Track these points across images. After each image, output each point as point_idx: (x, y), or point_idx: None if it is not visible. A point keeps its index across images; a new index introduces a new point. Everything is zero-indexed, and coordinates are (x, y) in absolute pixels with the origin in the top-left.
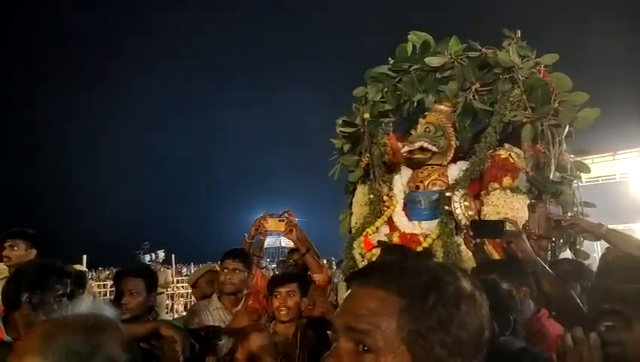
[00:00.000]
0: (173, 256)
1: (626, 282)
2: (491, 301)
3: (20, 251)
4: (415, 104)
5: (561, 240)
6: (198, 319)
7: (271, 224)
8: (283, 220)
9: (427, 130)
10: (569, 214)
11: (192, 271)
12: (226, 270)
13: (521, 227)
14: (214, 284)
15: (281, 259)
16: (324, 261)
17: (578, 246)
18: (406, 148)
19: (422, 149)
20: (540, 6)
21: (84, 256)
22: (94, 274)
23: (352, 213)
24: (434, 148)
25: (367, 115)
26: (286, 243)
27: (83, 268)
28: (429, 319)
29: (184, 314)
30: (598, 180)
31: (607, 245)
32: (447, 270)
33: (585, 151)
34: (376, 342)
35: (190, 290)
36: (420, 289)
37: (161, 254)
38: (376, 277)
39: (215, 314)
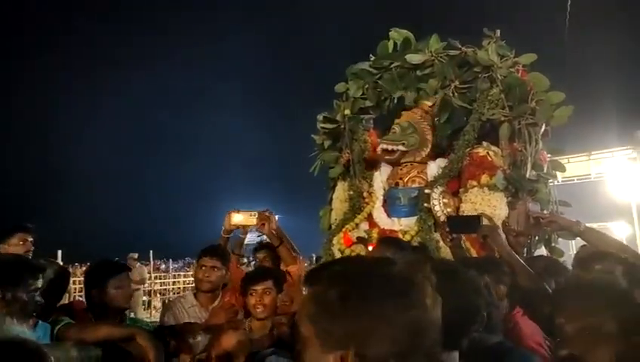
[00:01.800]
0: (151, 251)
1: (575, 320)
2: (463, 295)
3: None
4: (395, 101)
5: (537, 238)
6: (173, 316)
7: (242, 219)
8: (254, 214)
9: (393, 130)
10: (546, 212)
11: (171, 266)
12: (203, 267)
13: (499, 223)
14: None
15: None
16: (304, 258)
17: (553, 244)
18: (384, 146)
19: (386, 151)
20: (519, 6)
21: (59, 252)
22: (70, 269)
23: (332, 209)
24: (398, 148)
25: (347, 112)
26: (267, 239)
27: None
28: (337, 313)
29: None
30: (573, 180)
31: (582, 243)
32: (385, 267)
33: (561, 151)
34: (304, 335)
35: (168, 286)
36: (336, 285)
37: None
38: (310, 277)
39: (191, 312)
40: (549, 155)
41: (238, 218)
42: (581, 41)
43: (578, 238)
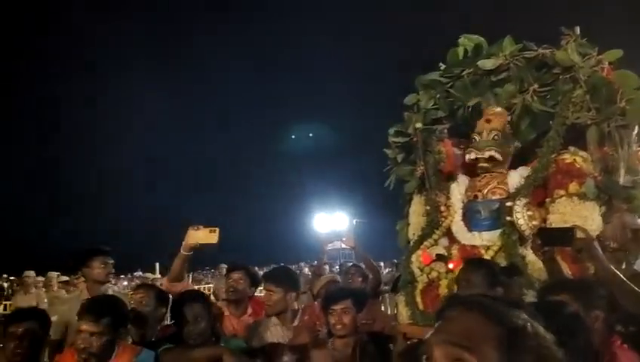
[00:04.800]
0: (157, 264)
1: None
2: (557, 324)
3: None
4: (469, 109)
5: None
6: (259, 336)
7: (200, 236)
8: (214, 230)
9: (495, 137)
10: None
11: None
12: (263, 292)
13: (594, 237)
14: None
15: (342, 261)
16: (381, 264)
17: None
18: (473, 155)
19: (490, 159)
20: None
21: (157, 264)
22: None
23: (409, 224)
24: (501, 158)
25: (419, 125)
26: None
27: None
28: (528, 356)
29: None
30: None
31: None
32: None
33: None
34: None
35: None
36: (520, 328)
37: None
38: (475, 306)
39: (274, 331)
40: None
41: (197, 236)
42: None
43: None
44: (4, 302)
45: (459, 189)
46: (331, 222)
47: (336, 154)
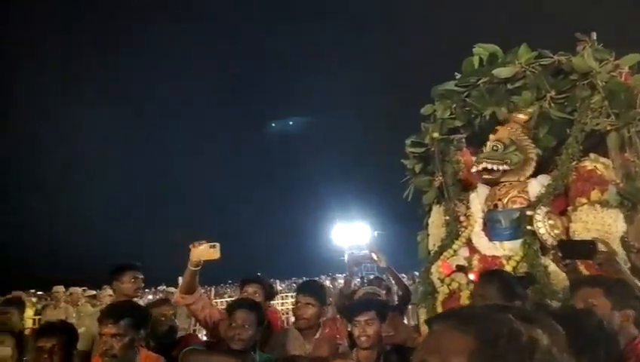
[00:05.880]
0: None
1: None
2: (581, 334)
3: None
4: (487, 117)
5: None
6: (281, 348)
7: (202, 253)
8: (214, 246)
9: (495, 148)
10: None
11: (278, 287)
12: (299, 304)
13: (616, 242)
14: None
15: (364, 273)
16: (404, 276)
17: None
18: (473, 170)
19: (486, 170)
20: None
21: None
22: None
23: (429, 235)
24: (501, 168)
25: (435, 134)
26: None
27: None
28: None
29: None
30: None
31: None
32: (529, 320)
33: None
34: None
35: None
36: (492, 335)
37: None
38: (453, 318)
39: (296, 343)
40: None
41: (198, 252)
42: None
43: None
44: (34, 317)
45: (478, 199)
46: (351, 234)
47: (357, 161)
